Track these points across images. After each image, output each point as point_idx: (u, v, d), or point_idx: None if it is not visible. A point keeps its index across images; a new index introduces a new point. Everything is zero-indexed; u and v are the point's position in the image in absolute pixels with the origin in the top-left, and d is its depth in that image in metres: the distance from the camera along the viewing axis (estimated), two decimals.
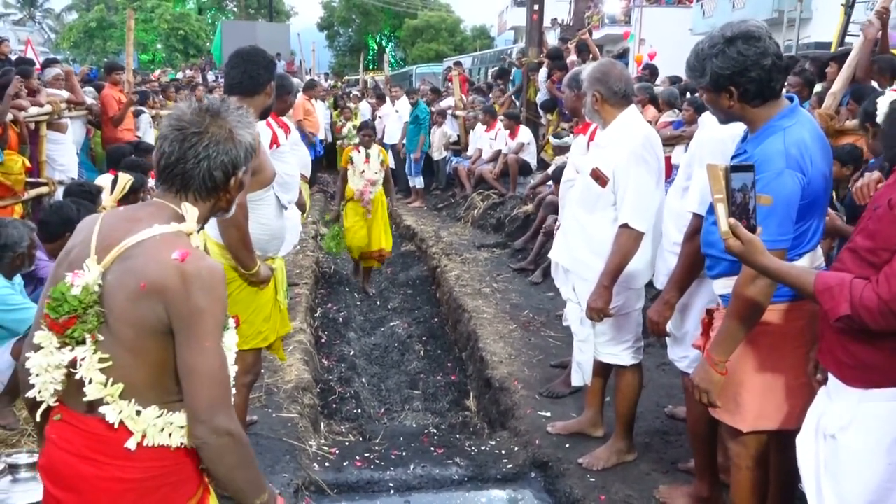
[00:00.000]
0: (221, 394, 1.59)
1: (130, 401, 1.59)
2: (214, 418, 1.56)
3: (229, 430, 1.58)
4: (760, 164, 2.14)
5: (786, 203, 2.11)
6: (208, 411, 1.56)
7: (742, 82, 2.17)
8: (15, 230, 3.43)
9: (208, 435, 1.57)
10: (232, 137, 1.66)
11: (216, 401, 1.57)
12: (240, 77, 2.96)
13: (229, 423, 1.58)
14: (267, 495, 1.69)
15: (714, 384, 2.26)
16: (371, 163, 6.84)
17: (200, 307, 1.55)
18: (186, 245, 1.59)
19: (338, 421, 4.47)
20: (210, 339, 1.57)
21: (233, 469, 1.63)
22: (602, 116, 3.24)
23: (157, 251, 1.57)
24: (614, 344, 3.39)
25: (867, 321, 1.69)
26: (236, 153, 1.67)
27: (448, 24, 45.12)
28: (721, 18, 18.30)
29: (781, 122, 2.20)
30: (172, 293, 1.54)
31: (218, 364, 1.58)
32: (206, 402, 1.56)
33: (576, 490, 3.31)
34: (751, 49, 2.15)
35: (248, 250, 2.82)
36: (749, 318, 2.18)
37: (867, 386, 1.81)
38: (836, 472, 1.87)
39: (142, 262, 1.57)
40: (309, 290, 6.49)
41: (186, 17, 38.52)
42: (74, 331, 1.56)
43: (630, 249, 3.14)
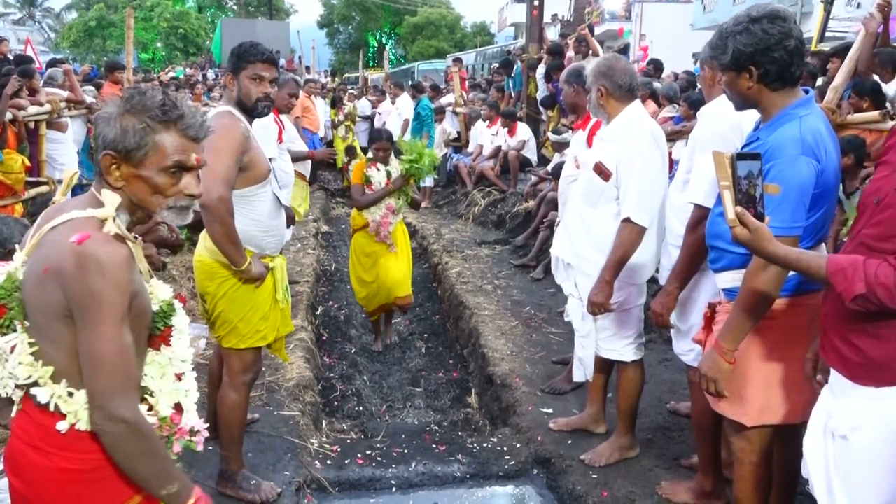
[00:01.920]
0: (119, 380, 1.56)
1: (62, 382, 1.60)
2: (109, 404, 1.55)
3: (124, 418, 1.55)
4: (775, 151, 2.13)
5: (800, 190, 2.09)
6: (103, 397, 1.55)
7: (763, 62, 2.16)
8: (6, 227, 3.41)
9: (103, 421, 1.56)
10: (110, 118, 1.64)
11: (112, 387, 1.55)
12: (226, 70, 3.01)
13: (125, 410, 1.56)
14: (177, 486, 1.65)
15: (722, 373, 2.25)
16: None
17: (94, 290, 1.52)
18: (91, 228, 1.57)
19: (339, 419, 4.47)
20: (106, 323, 1.53)
21: (131, 458, 1.60)
22: (607, 111, 3.23)
23: (61, 235, 1.57)
24: (616, 340, 3.38)
25: (883, 298, 1.66)
26: (109, 134, 1.63)
27: (448, 20, 45.07)
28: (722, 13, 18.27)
29: (797, 111, 2.19)
30: (68, 277, 1.53)
31: (114, 349, 1.55)
32: (101, 388, 1.55)
33: (578, 486, 3.30)
34: (775, 27, 2.14)
35: (234, 246, 2.79)
36: (758, 307, 2.17)
37: (878, 384, 1.78)
38: (847, 472, 1.84)
39: (47, 247, 1.58)
40: (310, 287, 6.48)
41: (186, 15, 38.46)
42: (6, 319, 1.61)
43: (632, 244, 3.13)
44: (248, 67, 2.89)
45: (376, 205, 5.25)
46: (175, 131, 1.65)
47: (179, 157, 1.66)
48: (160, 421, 1.71)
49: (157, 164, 1.64)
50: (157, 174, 1.65)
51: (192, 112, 1.69)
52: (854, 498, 1.83)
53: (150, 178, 1.65)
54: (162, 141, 1.64)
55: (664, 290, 2.93)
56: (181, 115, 1.66)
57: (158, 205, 1.69)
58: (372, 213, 5.28)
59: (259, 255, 2.95)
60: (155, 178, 1.65)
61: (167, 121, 1.64)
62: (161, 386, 1.74)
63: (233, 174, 2.76)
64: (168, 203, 1.69)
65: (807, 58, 2.28)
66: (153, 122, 1.63)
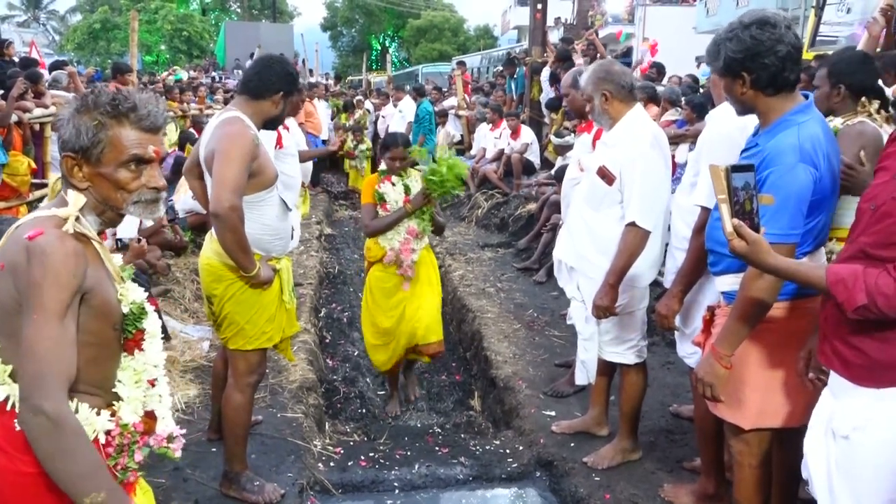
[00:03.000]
0: (46, 371, 1.49)
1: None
2: (33, 396, 1.49)
3: (44, 410, 1.47)
4: (773, 158, 2.14)
5: (797, 197, 2.10)
6: (26, 388, 1.50)
7: (754, 68, 2.17)
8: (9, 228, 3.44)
9: (25, 413, 1.50)
10: (66, 120, 1.63)
11: (38, 377, 1.49)
12: (251, 78, 2.99)
13: (46, 402, 1.48)
14: (103, 496, 1.52)
15: (719, 378, 2.26)
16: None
17: (35, 281, 1.51)
18: (48, 226, 1.57)
19: (342, 421, 4.48)
20: (39, 312, 1.50)
21: (51, 456, 1.50)
22: (611, 115, 3.23)
23: (20, 232, 1.58)
24: (619, 343, 3.38)
25: (884, 308, 1.67)
26: (66, 135, 1.63)
27: (451, 23, 45.14)
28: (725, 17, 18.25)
29: (796, 117, 2.19)
30: (19, 270, 1.53)
31: (46, 338, 1.50)
32: (26, 377, 1.50)
33: (581, 489, 3.31)
34: (765, 34, 2.15)
35: (245, 253, 2.80)
36: (754, 314, 2.18)
37: (880, 385, 1.79)
38: (850, 473, 1.85)
39: (8, 245, 1.59)
40: (313, 290, 6.49)
41: (190, 18, 38.57)
42: None
43: (637, 248, 3.14)
44: (294, 94, 3.04)
45: (393, 229, 4.24)
46: (129, 124, 1.64)
47: (136, 151, 1.64)
48: (121, 428, 1.67)
49: (115, 159, 1.63)
50: (117, 170, 1.64)
51: (145, 102, 1.66)
52: (858, 497, 1.83)
53: (110, 174, 1.64)
54: (116, 136, 1.62)
55: (669, 292, 2.94)
56: (132, 106, 1.64)
57: (123, 200, 1.67)
58: (389, 239, 4.22)
59: (266, 258, 2.97)
60: (115, 175, 1.64)
61: (119, 114, 1.62)
62: (129, 392, 1.71)
63: (243, 182, 2.75)
64: (132, 198, 1.67)
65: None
66: (104, 117, 1.62)
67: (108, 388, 1.70)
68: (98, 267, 1.64)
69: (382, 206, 4.27)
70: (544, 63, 10.33)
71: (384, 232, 4.26)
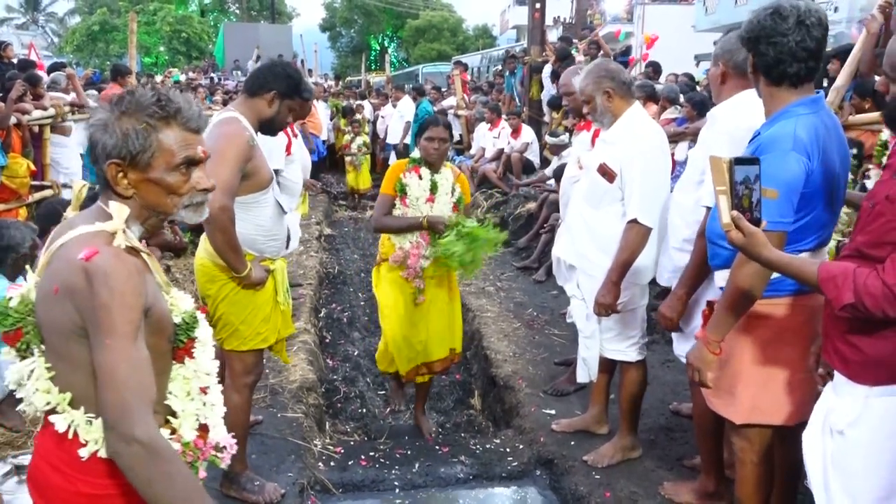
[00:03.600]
0: (131, 397, 1.44)
1: (80, 409, 1.52)
2: (120, 423, 1.43)
3: (137, 438, 1.42)
4: (767, 146, 2.15)
5: (787, 186, 2.10)
6: (113, 416, 1.44)
7: (758, 51, 2.21)
8: (17, 232, 3.45)
9: (116, 442, 1.44)
10: (106, 125, 1.55)
11: (124, 404, 1.43)
12: (250, 75, 3.08)
13: (138, 429, 1.43)
14: None
15: (706, 363, 2.28)
16: (439, 199, 3.79)
17: (103, 305, 1.44)
18: (100, 243, 1.49)
19: (343, 420, 4.48)
20: (112, 336, 1.44)
21: (149, 483, 1.45)
22: (613, 113, 3.23)
23: (69, 252, 1.50)
24: (620, 340, 3.39)
25: (871, 308, 1.68)
26: (110, 142, 1.54)
27: (450, 23, 45.17)
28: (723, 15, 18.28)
29: (798, 109, 2.20)
30: (79, 294, 1.46)
31: (125, 363, 1.45)
32: (111, 407, 1.44)
33: (581, 487, 3.31)
34: (770, 22, 2.17)
35: (235, 254, 2.80)
36: (739, 301, 2.19)
37: (874, 382, 1.80)
38: (844, 468, 1.86)
39: (56, 266, 1.51)
40: (313, 290, 6.49)
41: (189, 19, 38.58)
42: (24, 342, 1.56)
43: (639, 245, 3.14)
44: (294, 99, 2.98)
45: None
46: (176, 126, 1.57)
47: (187, 153, 1.58)
48: (183, 446, 1.62)
49: (166, 163, 1.56)
50: (168, 174, 1.57)
51: (188, 103, 1.61)
52: (850, 493, 1.84)
53: (162, 179, 1.57)
54: (166, 139, 1.56)
55: (673, 293, 2.90)
56: (179, 108, 1.58)
57: (174, 205, 1.61)
58: (401, 237, 3.79)
59: (259, 259, 2.97)
60: (167, 179, 1.57)
61: (167, 116, 1.56)
62: (185, 406, 1.65)
63: (235, 183, 2.76)
64: (184, 202, 1.61)
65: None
66: (153, 119, 1.55)
67: (162, 401, 1.64)
68: (151, 280, 1.58)
69: (402, 200, 3.75)
70: (545, 62, 10.33)
71: (391, 233, 3.81)
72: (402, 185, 3.75)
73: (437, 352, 3.94)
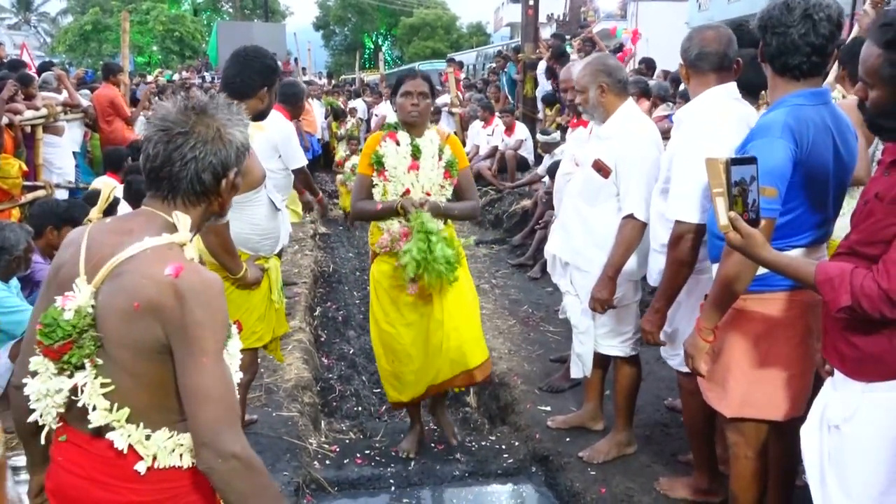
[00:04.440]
0: (224, 414, 1.47)
1: (139, 425, 1.52)
2: (218, 440, 1.46)
3: (235, 453, 1.46)
4: (757, 132, 2.18)
5: (772, 172, 2.09)
6: (210, 433, 1.46)
7: (765, 39, 2.23)
8: (11, 233, 3.43)
9: (213, 459, 1.46)
10: (220, 136, 1.56)
11: (219, 421, 1.46)
12: (233, 78, 2.97)
13: (234, 445, 1.47)
14: None
15: (698, 350, 2.33)
16: (424, 164, 3.27)
17: (197, 323, 1.46)
18: (179, 258, 1.50)
19: (338, 419, 4.47)
20: (208, 355, 1.47)
21: (244, 497, 1.49)
22: (605, 108, 3.24)
23: (148, 267, 1.48)
24: (614, 335, 3.39)
25: (868, 310, 1.69)
26: (226, 153, 1.57)
27: (444, 21, 45.15)
28: (717, 11, 18.33)
29: (795, 99, 2.21)
30: (168, 311, 1.46)
31: (218, 382, 1.48)
32: (207, 424, 1.46)
33: (576, 483, 3.31)
34: (777, 12, 2.18)
35: (230, 255, 2.79)
36: (726, 289, 2.22)
37: (871, 378, 1.80)
38: (840, 463, 1.87)
39: (133, 280, 1.48)
40: (308, 288, 6.49)
41: (182, 18, 38.46)
42: (72, 356, 1.49)
43: (634, 240, 3.15)
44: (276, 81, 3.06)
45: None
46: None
47: None
48: None
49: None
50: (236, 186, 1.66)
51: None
52: (846, 488, 1.84)
53: (238, 182, 1.65)
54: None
55: (652, 307, 2.89)
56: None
57: (223, 214, 1.69)
58: (388, 221, 3.27)
59: (254, 258, 2.97)
60: (230, 193, 1.65)
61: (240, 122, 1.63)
62: None
63: (240, 181, 2.74)
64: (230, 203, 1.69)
65: None
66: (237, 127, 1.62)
67: None
68: None
69: (380, 174, 3.27)
70: (539, 58, 10.33)
71: (370, 220, 3.35)
72: (377, 156, 3.24)
73: (471, 360, 3.35)
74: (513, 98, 11.43)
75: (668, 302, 2.84)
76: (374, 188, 3.31)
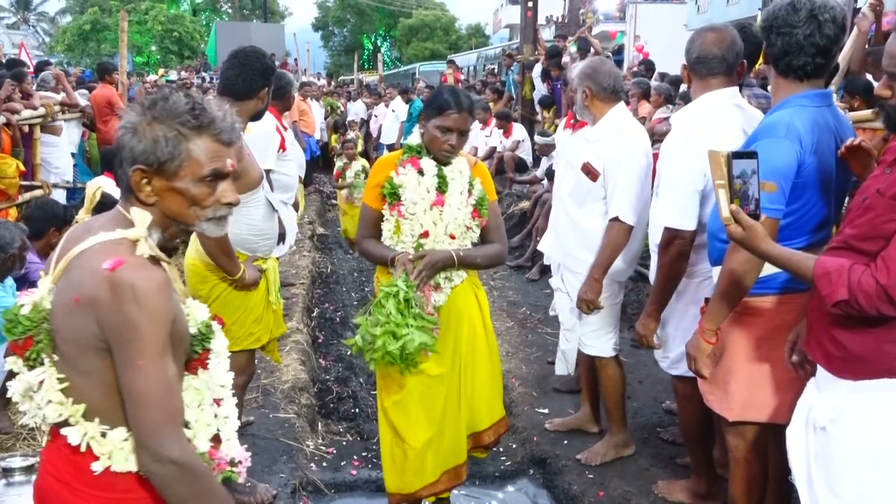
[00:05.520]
0: (162, 418, 1.43)
1: (95, 421, 1.49)
2: (155, 444, 1.43)
3: (172, 458, 1.43)
4: (761, 132, 2.17)
5: (777, 172, 2.09)
6: (147, 437, 1.43)
7: (770, 40, 2.22)
8: (7, 232, 3.41)
9: (150, 462, 1.44)
10: (136, 130, 1.49)
11: (157, 425, 1.43)
12: (234, 79, 2.95)
13: (172, 449, 1.43)
14: None
15: (701, 351, 2.32)
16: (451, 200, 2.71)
17: (132, 323, 1.40)
18: (124, 253, 1.44)
19: (335, 421, 4.45)
20: (145, 357, 1.41)
21: (184, 501, 1.47)
22: (592, 112, 3.25)
23: (92, 261, 1.44)
24: (599, 335, 3.39)
25: (864, 306, 1.68)
26: (141, 148, 1.48)
27: (443, 22, 45.22)
28: (715, 14, 18.35)
29: (799, 100, 2.20)
30: (103, 306, 1.41)
31: (155, 385, 1.43)
32: (144, 428, 1.43)
33: (574, 486, 3.30)
34: (783, 13, 2.17)
35: (228, 257, 2.77)
36: (731, 289, 2.20)
37: (856, 377, 1.80)
38: (826, 464, 1.86)
39: (77, 274, 1.45)
40: (305, 290, 6.47)
41: (180, 18, 38.49)
42: (32, 352, 1.49)
43: (620, 242, 3.15)
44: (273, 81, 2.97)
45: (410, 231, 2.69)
46: (208, 136, 1.52)
47: (216, 165, 1.52)
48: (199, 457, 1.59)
49: (193, 174, 1.51)
50: (194, 185, 1.52)
51: (222, 115, 1.55)
52: (833, 489, 1.84)
53: (187, 189, 1.51)
54: (196, 149, 1.50)
55: (645, 312, 2.92)
56: (213, 119, 1.52)
57: (196, 217, 1.55)
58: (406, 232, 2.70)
59: (252, 259, 2.96)
60: (192, 190, 1.52)
61: (199, 126, 1.50)
62: (198, 416, 1.61)
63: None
64: (207, 214, 1.56)
65: None
66: (185, 128, 1.49)
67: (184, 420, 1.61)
68: (173, 292, 1.53)
69: (394, 208, 2.66)
70: (537, 60, 10.34)
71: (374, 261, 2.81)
72: (392, 187, 2.66)
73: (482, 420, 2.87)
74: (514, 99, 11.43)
75: (660, 306, 2.86)
76: (384, 223, 2.71)
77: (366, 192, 2.79)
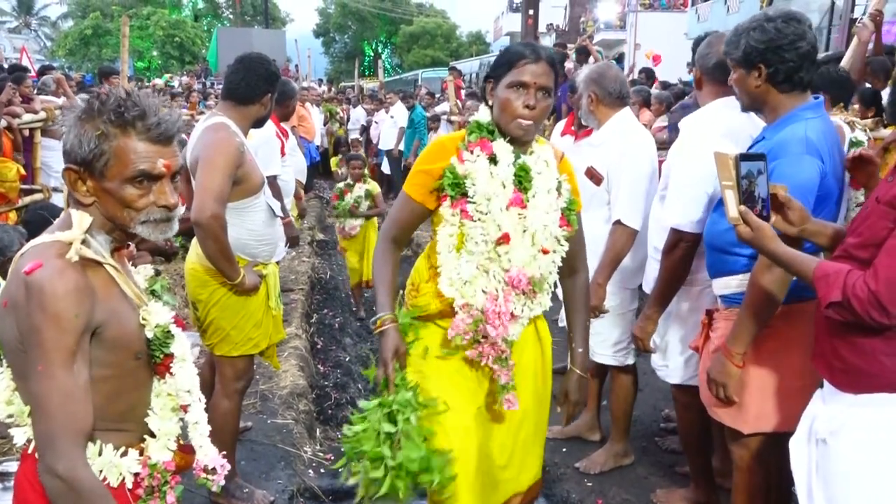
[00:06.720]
0: (54, 428, 1.37)
1: None
2: (47, 455, 1.37)
3: (57, 473, 1.36)
4: (779, 150, 2.14)
5: (803, 188, 2.08)
6: (41, 446, 1.39)
7: (773, 60, 2.17)
8: (5, 235, 3.41)
9: (42, 472, 1.39)
10: (70, 129, 1.46)
11: (47, 436, 1.37)
12: (237, 84, 2.97)
13: (60, 463, 1.36)
14: None
15: (731, 377, 2.24)
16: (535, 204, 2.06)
17: (35, 327, 1.36)
18: (48, 256, 1.40)
19: (333, 427, 4.44)
20: (44, 363, 1.36)
21: None
22: (597, 117, 3.25)
23: (20, 264, 1.42)
24: (609, 345, 3.38)
25: (858, 311, 1.68)
26: (66, 146, 1.46)
27: (444, 30, 45.35)
28: (715, 23, 18.40)
29: (805, 113, 2.20)
30: (20, 310, 1.38)
31: (51, 393, 1.36)
32: (41, 435, 1.39)
33: (573, 494, 3.29)
34: (789, 28, 2.15)
35: (228, 261, 2.78)
36: (763, 308, 2.16)
37: (857, 391, 1.79)
38: (826, 477, 1.85)
39: (11, 278, 1.43)
40: (304, 295, 6.47)
41: (182, 23, 38.59)
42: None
43: (623, 246, 3.14)
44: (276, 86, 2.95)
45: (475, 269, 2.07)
46: (136, 134, 1.44)
47: (143, 166, 1.44)
48: (150, 468, 1.54)
49: (120, 174, 1.44)
50: (121, 186, 1.44)
51: (154, 109, 1.46)
52: (833, 501, 1.83)
53: (115, 190, 1.44)
54: (121, 147, 1.43)
55: (644, 314, 2.89)
56: (140, 114, 1.43)
57: (131, 219, 1.47)
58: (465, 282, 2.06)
59: (252, 264, 2.95)
60: (120, 191, 1.45)
61: (124, 123, 1.43)
62: (161, 425, 1.57)
63: (226, 190, 2.74)
64: (140, 217, 1.48)
65: None
66: (108, 126, 1.42)
67: (139, 418, 1.56)
68: (111, 295, 1.47)
69: (456, 205, 2.03)
70: None
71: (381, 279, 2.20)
72: (455, 176, 2.02)
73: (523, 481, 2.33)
74: None
75: (659, 309, 2.84)
76: (441, 229, 2.06)
77: (409, 176, 2.15)
